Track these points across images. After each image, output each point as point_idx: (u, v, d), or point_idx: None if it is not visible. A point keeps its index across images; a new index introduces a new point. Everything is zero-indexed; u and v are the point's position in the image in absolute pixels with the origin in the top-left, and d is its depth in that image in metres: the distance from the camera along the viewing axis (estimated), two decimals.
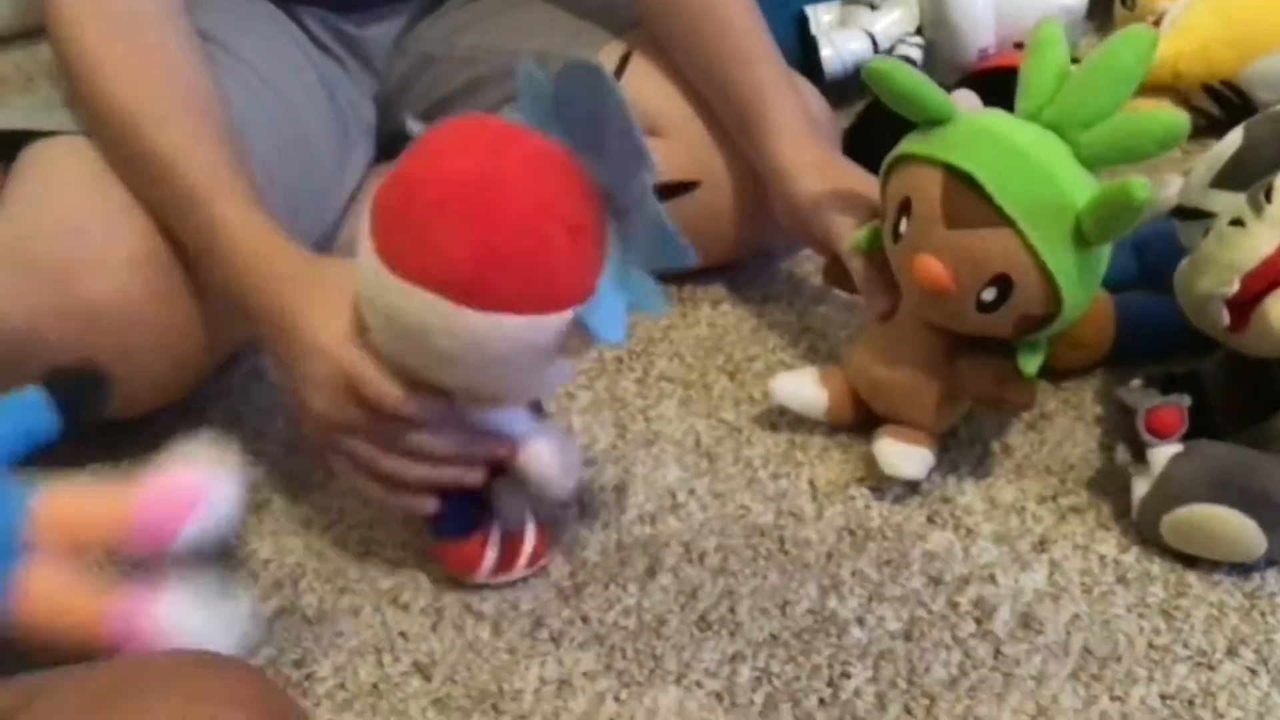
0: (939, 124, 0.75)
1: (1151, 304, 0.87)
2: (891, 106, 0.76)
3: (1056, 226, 0.71)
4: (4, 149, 0.83)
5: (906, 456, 0.80)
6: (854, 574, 0.77)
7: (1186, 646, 0.73)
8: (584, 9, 0.99)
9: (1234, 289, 0.73)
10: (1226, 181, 0.80)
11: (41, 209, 0.78)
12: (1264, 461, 0.74)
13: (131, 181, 0.78)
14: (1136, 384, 0.80)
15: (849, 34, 1.15)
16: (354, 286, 0.69)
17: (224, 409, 0.89)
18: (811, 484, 0.83)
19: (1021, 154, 0.72)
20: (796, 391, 0.85)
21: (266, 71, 0.87)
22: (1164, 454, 0.75)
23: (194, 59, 0.80)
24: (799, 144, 0.87)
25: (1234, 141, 0.81)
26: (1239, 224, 0.73)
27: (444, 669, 0.73)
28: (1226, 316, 0.74)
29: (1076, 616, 0.74)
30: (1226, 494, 0.73)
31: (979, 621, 0.74)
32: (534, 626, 0.75)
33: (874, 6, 1.17)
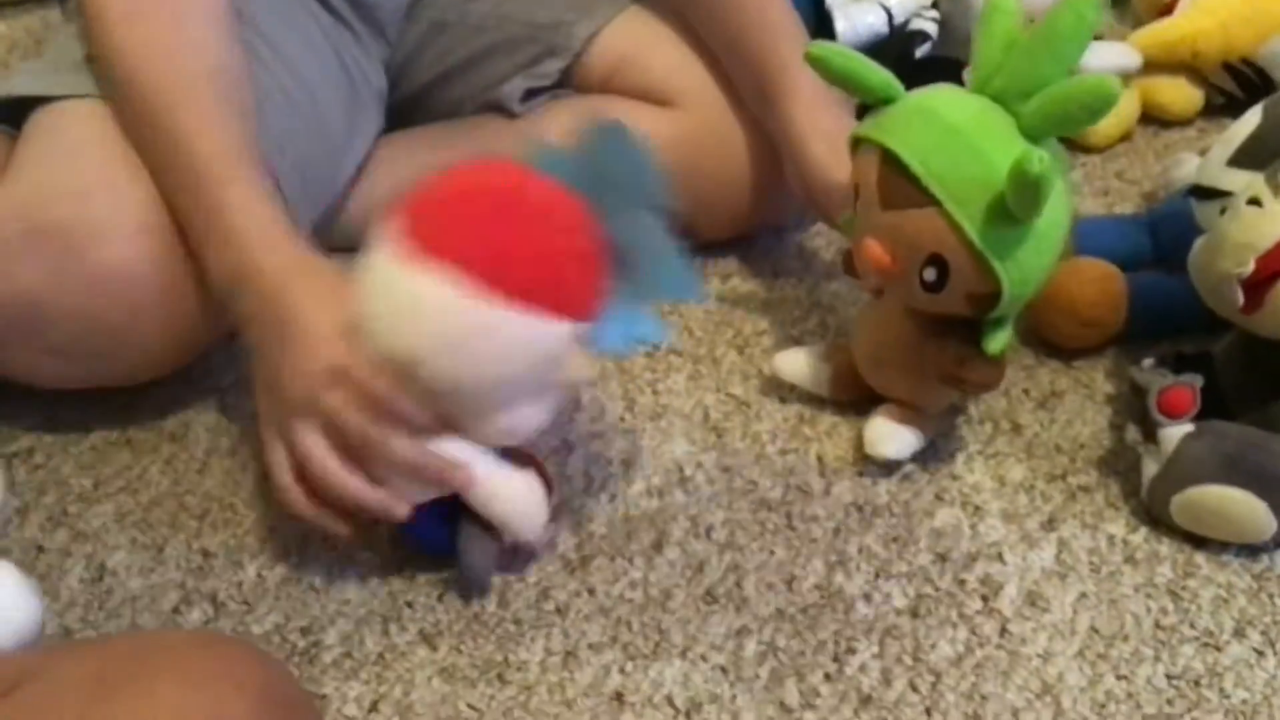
0: (887, 103, 0.75)
1: (1164, 283, 0.88)
2: (842, 88, 0.77)
3: (984, 203, 0.70)
4: (13, 116, 0.83)
5: (889, 437, 0.81)
6: (861, 550, 0.78)
7: (1193, 627, 0.73)
8: None
9: (1249, 269, 0.73)
10: (1244, 160, 0.80)
11: (50, 173, 0.78)
12: (1275, 443, 0.75)
13: (145, 158, 0.78)
14: (1148, 363, 0.81)
15: (864, 7, 1.15)
16: (353, 284, 0.69)
17: (235, 375, 0.89)
18: (820, 459, 0.84)
19: (953, 131, 0.71)
20: (799, 367, 0.86)
21: (276, 38, 0.87)
22: (1175, 434, 0.76)
23: (218, 34, 0.80)
24: (815, 111, 0.87)
25: (1253, 120, 0.81)
26: (1256, 203, 0.74)
27: (450, 639, 0.73)
28: (1241, 297, 0.74)
29: (1083, 595, 0.75)
30: (1237, 475, 0.74)
31: (985, 599, 0.74)
32: (540, 598, 0.75)
33: None
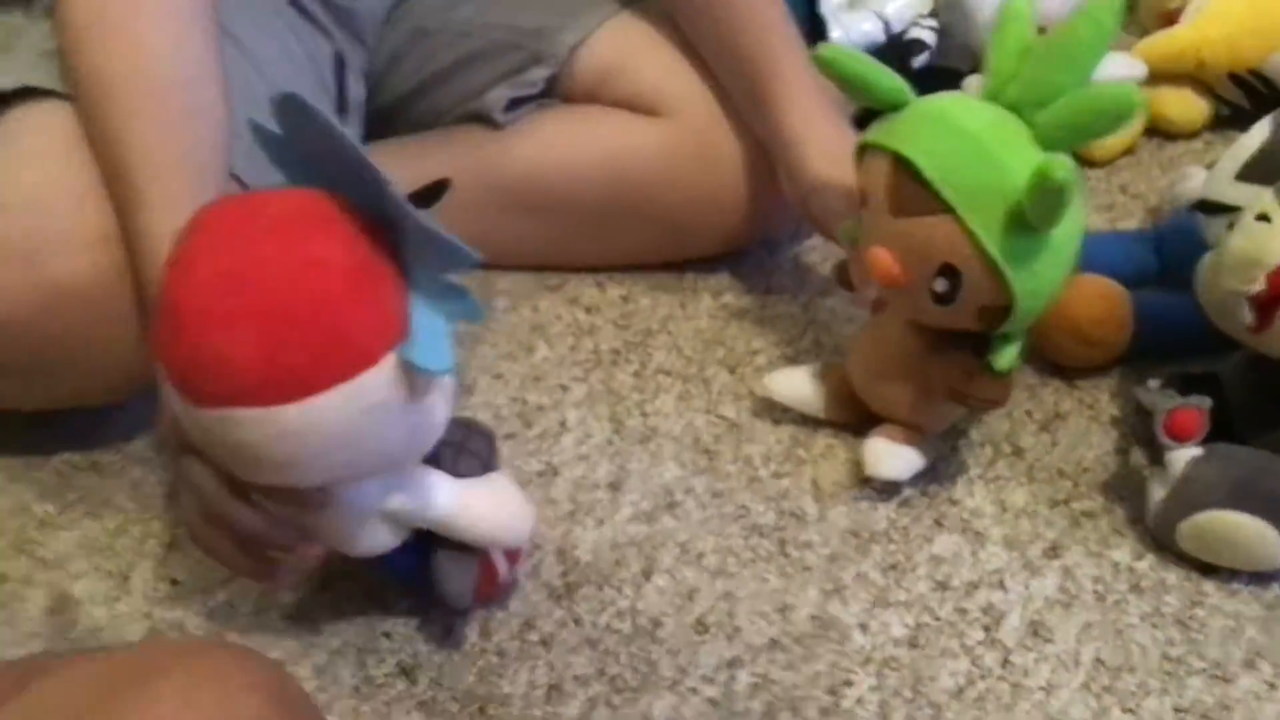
0: (897, 109, 0.75)
1: (1170, 301, 0.87)
2: (850, 96, 0.77)
3: (1000, 213, 0.70)
4: None
5: (890, 456, 0.80)
6: (858, 578, 0.77)
7: (1202, 658, 0.73)
8: None
9: (1259, 286, 0.73)
10: (1253, 174, 0.80)
11: (7, 183, 0.77)
12: None
13: (100, 167, 0.77)
14: (1154, 384, 0.80)
15: (860, 15, 1.14)
16: None
17: None
18: (814, 483, 0.83)
19: (968, 138, 0.71)
20: (792, 387, 0.85)
21: (250, 47, 0.86)
22: (1182, 457, 0.75)
23: (191, 46, 0.77)
24: (810, 117, 0.86)
25: (1261, 133, 0.81)
26: (1265, 219, 0.73)
27: (429, 671, 0.73)
28: (1249, 315, 0.74)
29: (1088, 625, 0.74)
30: (1246, 500, 0.74)
31: (987, 629, 0.74)
32: (524, 628, 0.75)
33: None
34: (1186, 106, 1.11)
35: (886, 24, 1.13)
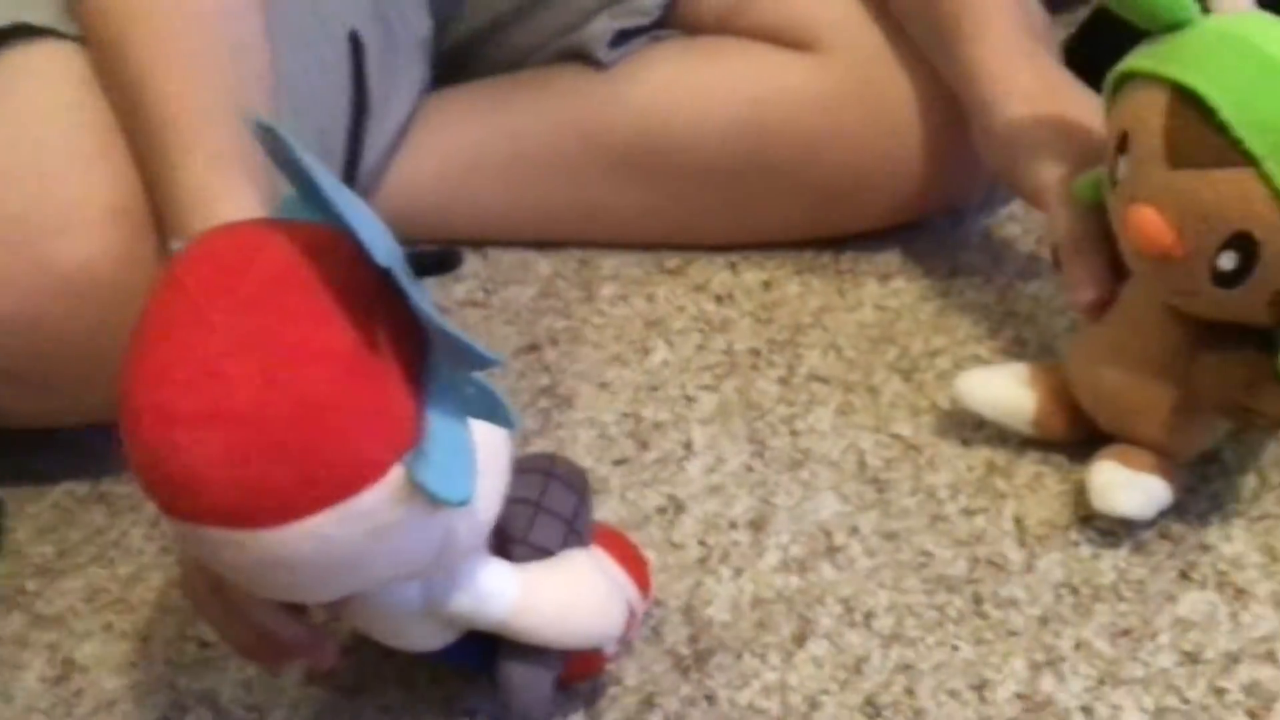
0: (1175, 30, 0.69)
1: None
2: (1114, 8, 0.71)
3: None
4: None
5: (1126, 487, 0.74)
6: (1078, 646, 0.70)
7: None
8: None
9: None
10: None
11: (3, 148, 0.74)
12: None
13: (120, 121, 0.74)
14: None
15: None
16: None
17: None
18: (1018, 522, 0.76)
19: (1278, 70, 0.66)
20: (993, 394, 0.79)
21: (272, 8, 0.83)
22: None
23: None
24: (1012, 56, 0.80)
25: None
26: None
27: None
28: None
29: None
30: None
31: (1253, 715, 0.67)
32: (642, 708, 0.69)
33: None
34: None
35: None
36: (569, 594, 0.65)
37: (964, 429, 0.80)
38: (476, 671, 0.67)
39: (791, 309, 0.89)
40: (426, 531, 0.56)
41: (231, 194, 0.67)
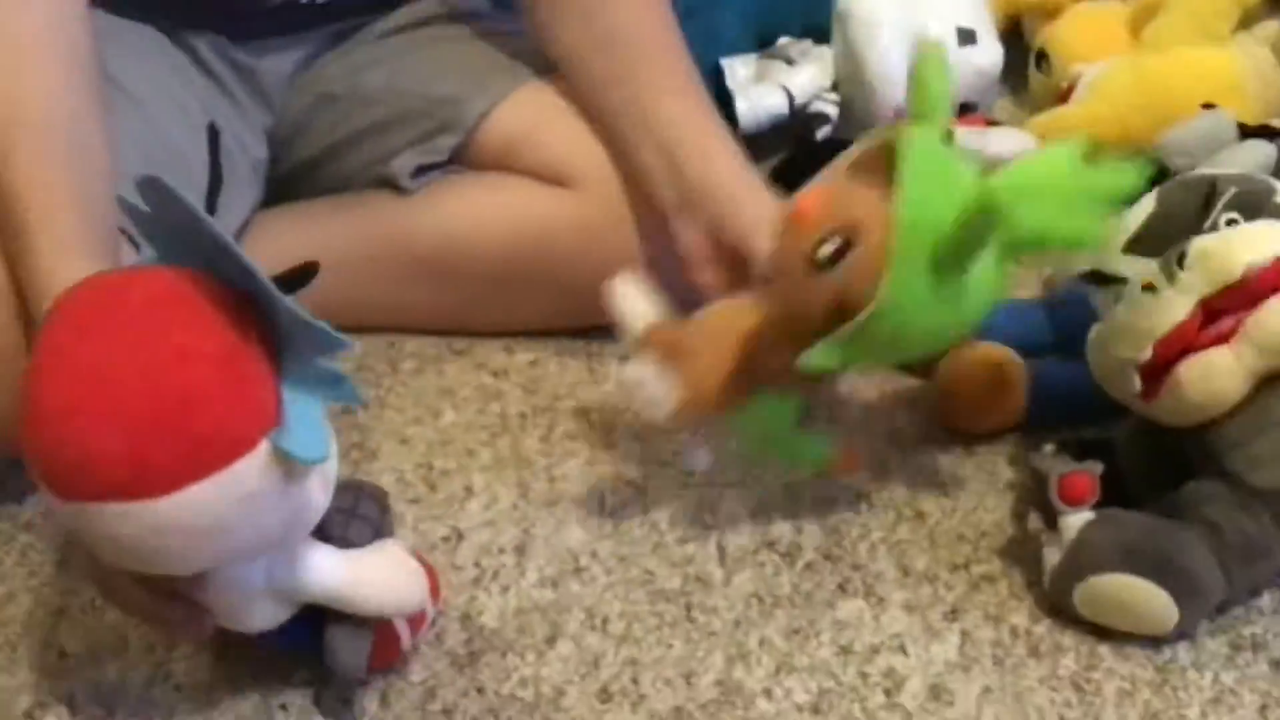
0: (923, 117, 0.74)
1: (1065, 369, 0.88)
2: (912, 81, 0.74)
3: (931, 227, 0.68)
4: None
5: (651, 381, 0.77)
6: (762, 643, 0.77)
7: None
8: (498, 51, 0.99)
9: (1147, 355, 0.74)
10: (1139, 247, 0.81)
11: None
12: (1176, 531, 0.75)
13: None
14: (1049, 450, 0.81)
15: (765, 88, 1.17)
16: None
17: None
18: (720, 548, 0.83)
19: (957, 169, 0.71)
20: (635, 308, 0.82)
21: (144, 101, 0.85)
22: (1076, 522, 0.76)
23: (68, 84, 0.76)
24: (740, 169, 0.86)
25: (1146, 207, 0.83)
26: (1151, 290, 0.75)
27: None
28: (1139, 383, 0.75)
29: (987, 689, 0.74)
30: (1138, 564, 0.74)
31: (888, 693, 0.74)
32: (426, 698, 0.73)
33: (790, 62, 1.19)
34: None
35: (790, 97, 1.15)
36: (387, 569, 0.70)
37: (681, 476, 0.87)
38: (304, 651, 0.70)
39: (552, 383, 0.95)
40: (282, 501, 0.60)
41: (76, 276, 0.64)
